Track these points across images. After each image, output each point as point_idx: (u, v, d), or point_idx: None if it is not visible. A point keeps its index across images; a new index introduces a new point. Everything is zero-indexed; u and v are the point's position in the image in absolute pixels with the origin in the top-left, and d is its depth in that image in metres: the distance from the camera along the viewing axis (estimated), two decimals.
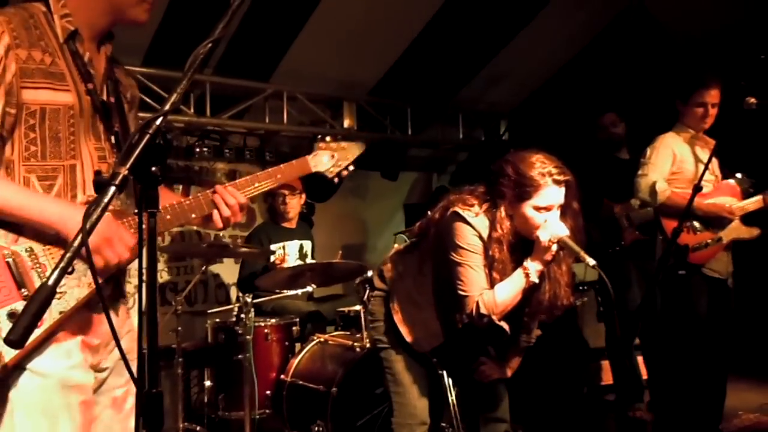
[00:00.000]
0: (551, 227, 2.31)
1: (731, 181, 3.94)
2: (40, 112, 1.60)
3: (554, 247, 2.31)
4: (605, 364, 5.11)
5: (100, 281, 1.39)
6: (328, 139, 2.21)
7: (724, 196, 3.86)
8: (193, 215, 1.81)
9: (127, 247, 1.60)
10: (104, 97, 1.74)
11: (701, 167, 3.74)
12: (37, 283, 1.55)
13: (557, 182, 2.34)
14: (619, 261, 4.46)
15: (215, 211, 1.85)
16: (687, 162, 3.90)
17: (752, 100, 3.43)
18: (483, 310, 2.35)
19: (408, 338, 2.58)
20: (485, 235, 2.39)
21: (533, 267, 2.34)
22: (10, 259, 1.55)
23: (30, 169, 1.60)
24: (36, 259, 1.58)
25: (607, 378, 5.08)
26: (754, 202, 3.81)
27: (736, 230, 3.83)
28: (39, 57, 1.60)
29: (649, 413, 4.40)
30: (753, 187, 3.92)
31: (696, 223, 3.78)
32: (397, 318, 2.59)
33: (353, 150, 2.30)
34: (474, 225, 2.40)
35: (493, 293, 2.35)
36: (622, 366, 4.60)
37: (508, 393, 2.78)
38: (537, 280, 2.36)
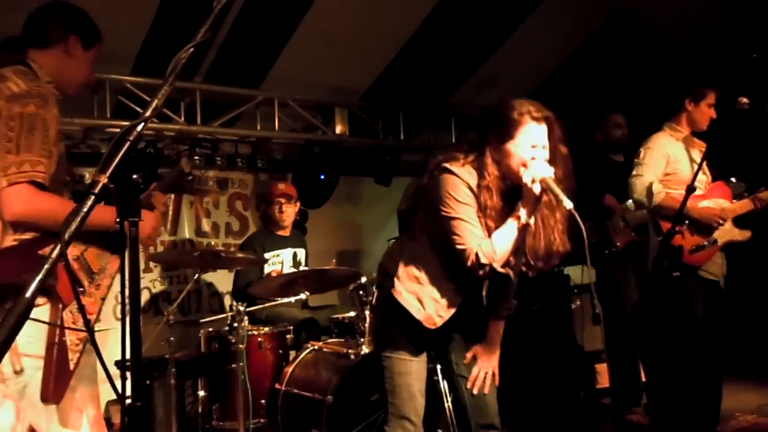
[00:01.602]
0: (534, 167, 2.30)
1: (724, 182, 3.95)
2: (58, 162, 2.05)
3: (537, 188, 2.28)
4: (601, 367, 5.09)
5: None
6: None
7: (717, 197, 3.86)
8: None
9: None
10: None
11: (695, 167, 3.75)
12: (86, 284, 2.05)
13: (536, 119, 2.37)
14: (616, 263, 4.45)
15: None
16: (681, 162, 3.90)
17: (744, 100, 3.43)
18: (483, 260, 2.33)
19: (419, 316, 2.51)
20: (474, 184, 2.39)
21: (523, 212, 2.34)
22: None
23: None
24: (86, 262, 2.08)
25: (603, 381, 5.06)
26: (744, 205, 3.82)
27: (729, 232, 3.83)
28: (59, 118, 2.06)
29: (646, 416, 4.39)
30: (747, 191, 3.92)
31: (685, 228, 3.78)
32: (403, 299, 2.53)
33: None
34: (461, 175, 2.40)
35: (490, 242, 2.34)
36: (620, 369, 4.57)
37: (497, 400, 2.74)
38: (531, 221, 2.35)
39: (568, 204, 2.19)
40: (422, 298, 2.53)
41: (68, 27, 2.21)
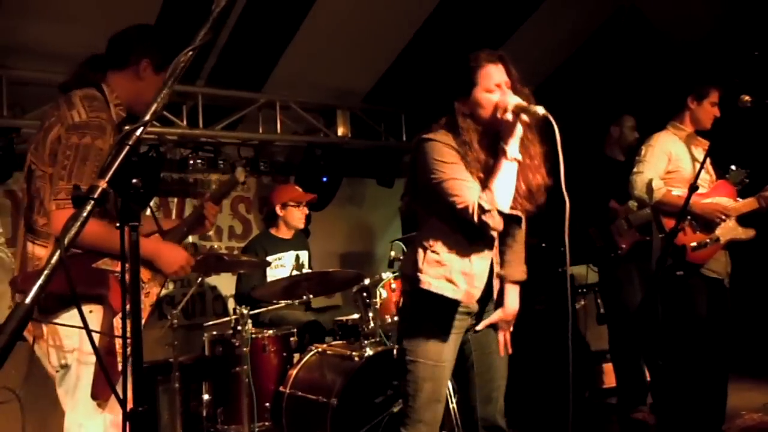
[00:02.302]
0: (503, 100, 2.39)
1: (727, 180, 3.93)
2: None
3: (509, 116, 2.35)
4: (606, 367, 5.08)
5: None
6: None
7: (720, 195, 3.85)
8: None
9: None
10: None
11: (698, 166, 3.74)
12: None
13: (490, 60, 2.49)
14: (620, 263, 4.44)
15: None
16: (683, 161, 3.89)
17: (746, 98, 3.41)
18: (486, 207, 2.34)
19: (457, 295, 2.46)
20: (454, 144, 2.44)
21: (509, 148, 2.38)
22: (117, 275, 2.15)
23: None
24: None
25: (609, 381, 5.05)
26: (749, 203, 3.80)
27: (732, 231, 3.81)
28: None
29: (652, 415, 4.37)
30: (748, 178, 3.91)
31: (689, 224, 3.77)
32: (435, 288, 2.47)
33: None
34: (439, 138, 2.46)
35: (488, 190, 2.37)
36: (626, 368, 4.56)
37: (504, 399, 2.73)
38: (519, 156, 2.39)
39: (541, 110, 2.30)
40: (452, 278, 2.48)
41: (142, 50, 2.35)
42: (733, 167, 3.95)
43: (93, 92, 2.25)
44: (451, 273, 2.48)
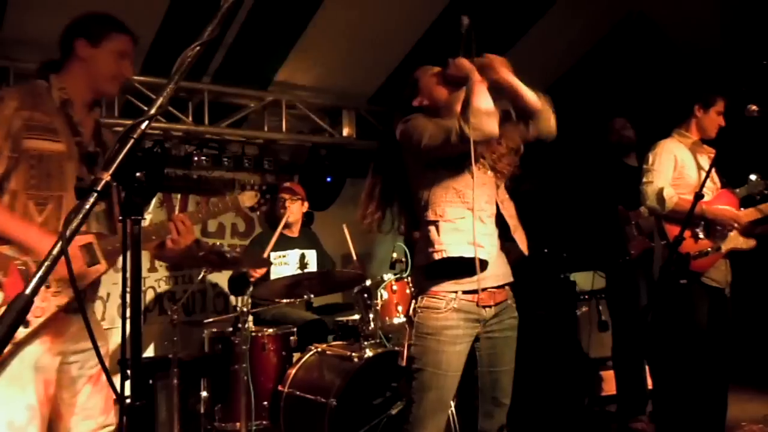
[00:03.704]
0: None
1: (730, 190, 3.92)
2: (38, 156, 2.15)
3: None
4: (606, 374, 5.07)
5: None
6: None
7: (723, 204, 3.84)
8: (153, 237, 2.32)
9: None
10: (90, 148, 2.30)
11: (703, 174, 3.73)
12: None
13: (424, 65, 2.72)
14: (627, 269, 4.43)
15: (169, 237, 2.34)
16: (688, 168, 3.88)
17: (754, 107, 3.40)
18: (469, 115, 2.30)
19: (481, 254, 2.43)
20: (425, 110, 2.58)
21: (470, 76, 2.43)
22: (21, 267, 2.07)
23: (29, 197, 2.14)
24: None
25: (608, 388, 5.03)
26: (750, 213, 3.80)
27: (734, 240, 3.80)
28: (39, 117, 2.18)
29: (651, 425, 4.36)
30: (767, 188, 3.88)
31: (699, 231, 3.75)
32: (453, 251, 2.45)
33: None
34: (414, 116, 2.58)
35: (465, 106, 2.36)
36: (627, 375, 4.55)
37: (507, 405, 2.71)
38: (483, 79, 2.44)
39: (463, 27, 2.45)
40: (476, 239, 2.44)
41: (72, 33, 2.32)
42: (752, 177, 3.91)
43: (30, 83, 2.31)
44: (475, 236, 2.44)
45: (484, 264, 2.45)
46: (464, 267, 2.44)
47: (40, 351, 2.13)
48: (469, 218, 2.48)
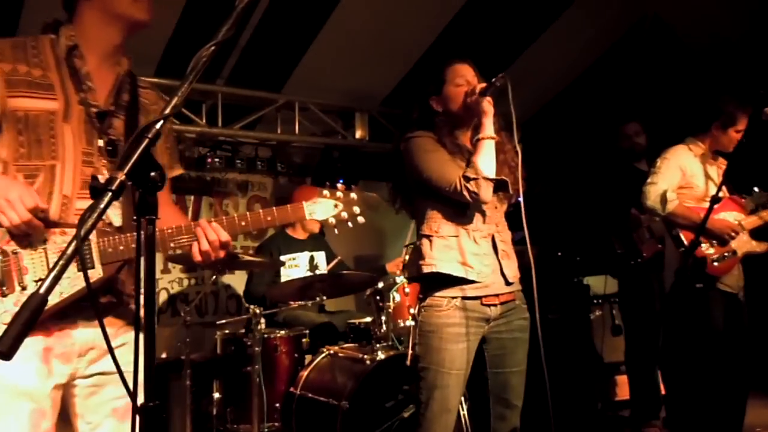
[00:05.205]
0: (470, 87, 2.61)
1: (738, 197, 3.88)
2: (24, 118, 1.77)
3: (478, 99, 2.53)
4: (620, 379, 5.03)
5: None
6: (338, 185, 2.19)
7: (729, 211, 3.80)
8: (172, 244, 1.82)
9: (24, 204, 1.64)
10: (102, 105, 1.87)
11: (711, 184, 3.72)
12: (17, 284, 1.68)
13: (459, 60, 2.75)
14: (639, 273, 4.40)
15: (194, 244, 1.83)
16: (697, 178, 3.85)
17: None
18: (471, 176, 2.43)
19: (473, 276, 2.50)
20: (432, 136, 2.61)
21: (484, 128, 2.52)
22: None
23: (19, 168, 1.77)
24: (19, 261, 1.71)
25: (622, 393, 5.00)
26: (754, 221, 3.77)
27: (747, 244, 3.77)
28: (24, 70, 1.79)
29: (665, 430, 4.32)
30: None
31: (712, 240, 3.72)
32: (448, 269, 2.52)
33: (362, 202, 2.21)
34: (419, 135, 2.62)
35: (471, 164, 2.49)
36: (641, 380, 4.52)
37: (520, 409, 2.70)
38: (494, 135, 2.52)
39: (499, 81, 2.53)
40: (466, 261, 2.52)
41: None
42: (756, 189, 3.88)
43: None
44: (464, 252, 2.53)
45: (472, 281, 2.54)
46: (455, 280, 2.53)
47: (25, 371, 1.68)
48: (462, 237, 2.55)
